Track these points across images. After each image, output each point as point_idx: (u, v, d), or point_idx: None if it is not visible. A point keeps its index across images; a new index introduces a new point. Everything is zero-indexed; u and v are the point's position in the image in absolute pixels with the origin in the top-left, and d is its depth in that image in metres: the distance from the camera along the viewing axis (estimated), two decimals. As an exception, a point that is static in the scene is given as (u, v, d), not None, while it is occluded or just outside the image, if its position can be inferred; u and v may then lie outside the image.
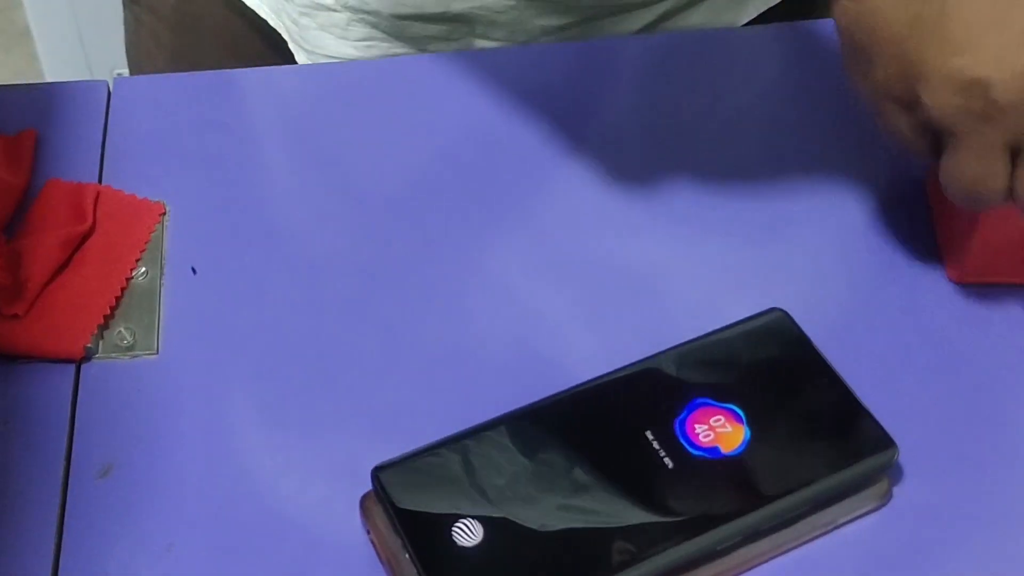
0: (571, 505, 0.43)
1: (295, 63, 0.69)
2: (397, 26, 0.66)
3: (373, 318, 0.51)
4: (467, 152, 0.57)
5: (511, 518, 0.43)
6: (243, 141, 0.57)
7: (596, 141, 0.58)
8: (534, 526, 0.43)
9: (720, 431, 0.45)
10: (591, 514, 0.43)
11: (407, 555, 0.42)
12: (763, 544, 0.44)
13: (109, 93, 0.59)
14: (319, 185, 0.56)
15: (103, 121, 0.57)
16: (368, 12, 0.65)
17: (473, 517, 0.43)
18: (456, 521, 0.42)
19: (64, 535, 0.44)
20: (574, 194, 0.55)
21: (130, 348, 0.49)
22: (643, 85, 0.61)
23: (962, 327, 0.51)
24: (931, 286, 0.52)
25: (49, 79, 1.38)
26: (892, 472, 0.46)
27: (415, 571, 0.41)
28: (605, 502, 0.43)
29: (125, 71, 0.78)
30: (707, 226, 0.54)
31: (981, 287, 0.52)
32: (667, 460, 0.44)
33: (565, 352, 0.50)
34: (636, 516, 0.43)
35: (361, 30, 0.66)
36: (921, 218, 0.54)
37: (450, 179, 0.56)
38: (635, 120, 0.59)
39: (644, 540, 0.42)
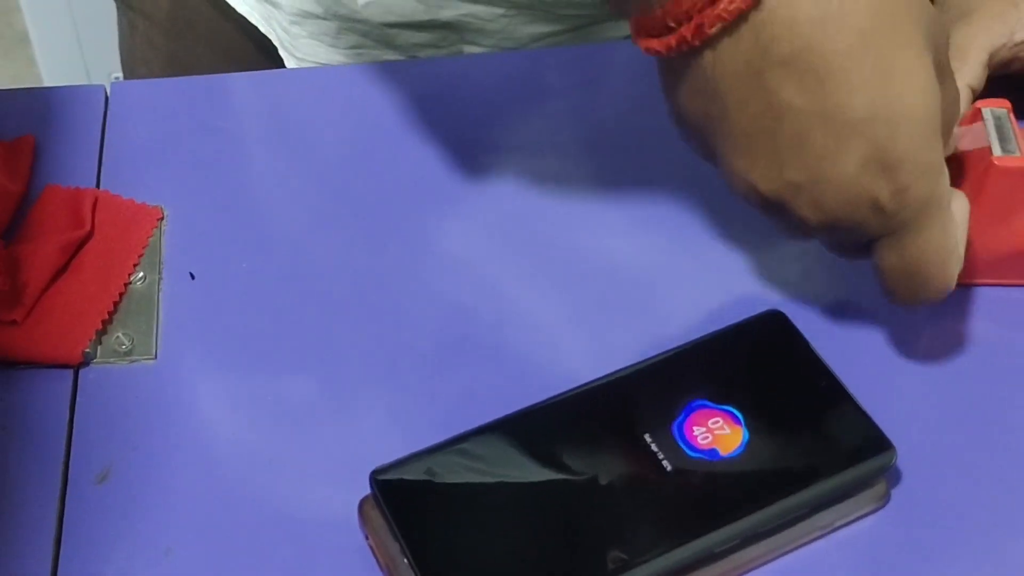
0: (569, 508, 0.43)
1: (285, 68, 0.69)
2: (386, 34, 0.66)
3: (370, 322, 0.51)
4: (462, 156, 0.57)
5: (509, 521, 0.43)
6: (241, 145, 0.57)
7: (590, 144, 0.58)
8: (532, 529, 0.43)
9: (718, 433, 0.45)
10: (590, 517, 0.43)
11: (405, 559, 0.42)
12: (761, 546, 0.44)
13: (107, 98, 0.59)
14: (316, 189, 0.56)
15: (101, 126, 0.57)
16: (358, 21, 0.65)
17: (471, 521, 0.43)
18: (454, 525, 0.42)
19: (63, 539, 0.44)
20: (569, 198, 0.55)
21: (128, 353, 0.49)
22: (636, 88, 0.61)
23: (960, 329, 0.51)
24: (929, 288, 0.52)
25: (47, 83, 1.39)
26: (890, 474, 0.46)
27: (413, 575, 0.41)
28: (603, 505, 0.43)
29: (122, 75, 0.79)
30: (705, 228, 0.54)
31: (980, 289, 0.52)
32: (665, 463, 0.44)
33: (563, 355, 0.50)
34: (634, 519, 0.43)
35: (351, 38, 0.66)
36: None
37: (445, 183, 0.56)
38: (631, 122, 0.59)
39: (643, 543, 0.42)
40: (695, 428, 0.45)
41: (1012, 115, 0.50)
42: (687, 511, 0.43)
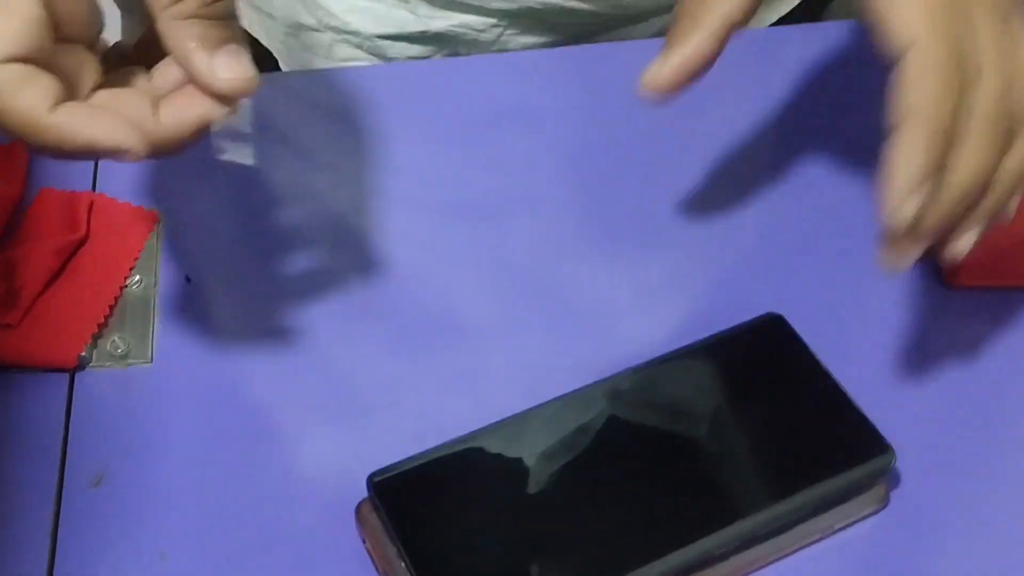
0: (567, 512, 0.43)
1: None
2: (379, 46, 0.66)
3: (367, 326, 0.51)
4: (465, 159, 0.57)
5: (507, 525, 0.43)
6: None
7: (594, 146, 0.58)
8: (530, 533, 0.42)
9: (714, 435, 0.45)
10: (587, 520, 0.43)
11: (402, 563, 0.42)
12: (761, 549, 0.44)
13: (103, 102, 0.59)
14: (313, 192, 0.56)
15: (97, 130, 0.57)
16: (350, 32, 0.65)
17: (468, 524, 0.42)
18: (451, 528, 0.42)
19: (58, 543, 0.44)
20: (572, 199, 0.55)
21: (124, 357, 0.49)
22: (636, 90, 0.61)
23: (959, 331, 0.51)
24: (928, 290, 0.52)
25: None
26: (889, 477, 0.46)
27: (410, 578, 0.41)
28: (601, 508, 0.43)
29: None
30: (705, 230, 0.54)
31: (978, 291, 0.52)
32: (662, 466, 0.44)
33: (562, 358, 0.50)
34: (632, 522, 0.43)
35: (345, 50, 0.66)
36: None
37: (445, 187, 0.56)
38: (632, 124, 0.59)
39: (641, 546, 0.42)
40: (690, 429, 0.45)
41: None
42: (686, 514, 0.43)
